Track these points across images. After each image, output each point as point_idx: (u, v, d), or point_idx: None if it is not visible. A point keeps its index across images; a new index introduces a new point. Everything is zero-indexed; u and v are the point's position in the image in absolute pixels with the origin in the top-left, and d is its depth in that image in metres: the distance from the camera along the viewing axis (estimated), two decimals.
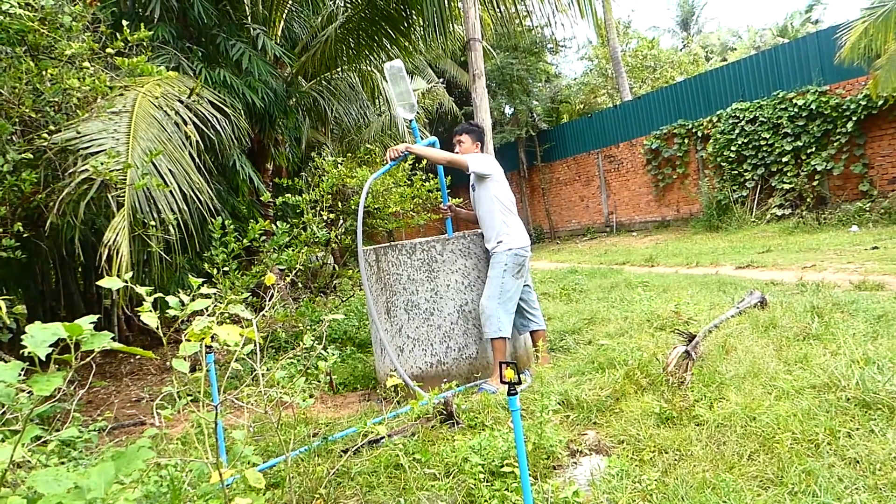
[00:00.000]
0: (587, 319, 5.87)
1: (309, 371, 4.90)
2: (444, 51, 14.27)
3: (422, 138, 4.77)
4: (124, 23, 4.75)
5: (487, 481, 2.88)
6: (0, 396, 1.88)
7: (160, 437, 3.53)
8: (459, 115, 21.93)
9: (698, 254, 10.64)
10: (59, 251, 5.42)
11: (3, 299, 4.12)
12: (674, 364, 3.80)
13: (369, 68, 11.27)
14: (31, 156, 4.66)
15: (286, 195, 6.15)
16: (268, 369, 3.21)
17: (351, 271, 7.19)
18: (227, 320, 2.54)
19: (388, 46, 9.17)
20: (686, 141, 15.73)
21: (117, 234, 4.64)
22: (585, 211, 19.70)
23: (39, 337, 1.85)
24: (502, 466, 2.92)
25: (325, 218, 5.97)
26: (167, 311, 2.11)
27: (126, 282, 2.00)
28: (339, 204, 6.84)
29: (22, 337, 1.79)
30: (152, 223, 4.92)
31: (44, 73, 4.39)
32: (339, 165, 7.07)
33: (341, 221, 7.17)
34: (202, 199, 5.59)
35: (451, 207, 4.95)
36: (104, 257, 4.55)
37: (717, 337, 4.43)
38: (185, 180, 5.55)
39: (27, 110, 4.73)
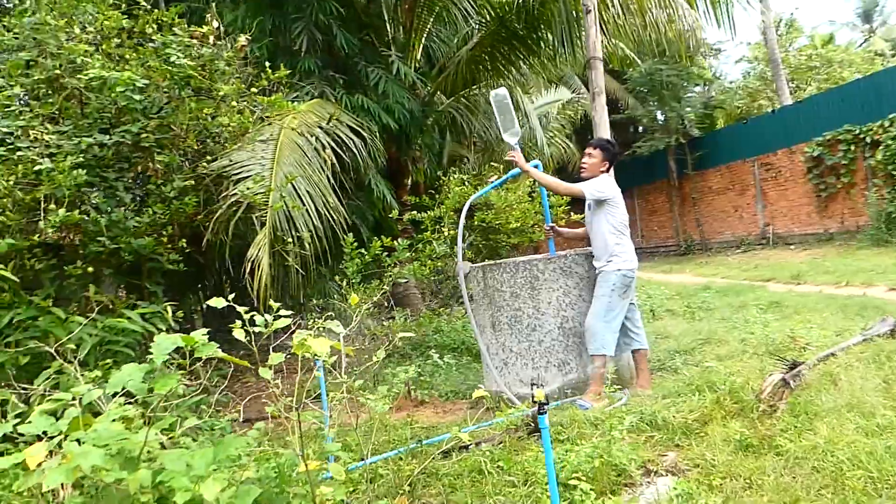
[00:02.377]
0: (703, 340, 5.77)
1: (422, 378, 5.30)
2: (573, 66, 14.12)
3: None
4: (267, 65, 5.42)
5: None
6: (135, 390, 2.40)
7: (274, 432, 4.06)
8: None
9: (856, 271, 9.85)
10: (214, 265, 6.25)
11: (169, 305, 4.87)
12: (768, 391, 3.74)
13: (507, 83, 11.61)
14: (193, 182, 5.45)
15: (412, 212, 6.61)
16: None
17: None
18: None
19: (520, 64, 9.46)
20: (853, 147, 14.49)
21: (259, 250, 5.31)
22: (739, 222, 18.68)
23: (164, 345, 2.35)
24: (570, 479, 3.09)
25: (446, 234, 6.35)
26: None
27: (228, 301, 2.45)
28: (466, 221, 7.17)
29: None
30: (290, 240, 5.55)
31: (202, 111, 5.15)
32: (465, 183, 7.44)
33: (470, 236, 7.49)
34: (335, 217, 6.19)
35: (553, 228, 5.13)
36: (248, 270, 5.23)
37: (830, 365, 4.25)
38: (322, 200, 6.18)
39: (192, 143, 5.56)
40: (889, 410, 3.36)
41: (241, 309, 2.43)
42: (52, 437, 2.35)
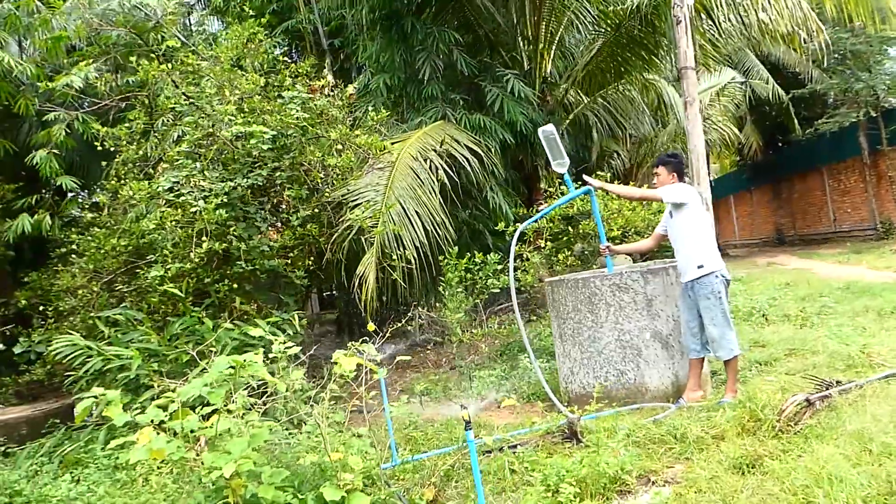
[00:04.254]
0: (790, 350, 5.73)
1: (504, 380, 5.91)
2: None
3: (575, 188, 5.36)
4: (370, 109, 6.31)
5: (551, 492, 3.57)
6: (206, 395, 3.33)
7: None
8: (786, 99, 20.15)
9: None
10: (330, 280, 7.35)
11: (296, 313, 5.94)
12: (789, 411, 3.88)
13: (653, 76, 11.60)
14: (317, 210, 6.53)
15: (516, 223, 7.19)
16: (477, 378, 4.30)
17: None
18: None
19: (641, 65, 9.57)
20: None
21: (366, 268, 6.25)
22: None
23: (220, 364, 3.28)
24: (561, 483, 3.58)
25: (544, 246, 6.85)
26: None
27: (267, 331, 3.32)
28: (570, 229, 7.60)
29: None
30: (395, 258, 6.41)
31: (316, 153, 6.18)
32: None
33: (579, 245, 7.88)
34: (441, 232, 6.97)
35: (608, 247, 5.43)
36: (356, 285, 6.20)
37: (873, 388, 4.21)
38: (429, 219, 6.99)
39: (317, 176, 6.63)
40: (889, 438, 3.41)
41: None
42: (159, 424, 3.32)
